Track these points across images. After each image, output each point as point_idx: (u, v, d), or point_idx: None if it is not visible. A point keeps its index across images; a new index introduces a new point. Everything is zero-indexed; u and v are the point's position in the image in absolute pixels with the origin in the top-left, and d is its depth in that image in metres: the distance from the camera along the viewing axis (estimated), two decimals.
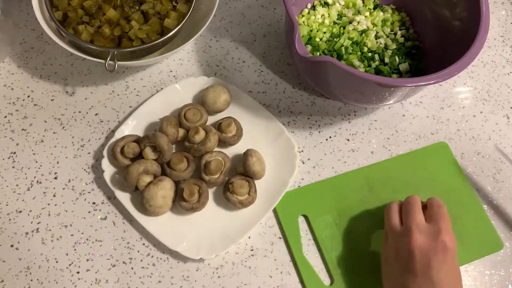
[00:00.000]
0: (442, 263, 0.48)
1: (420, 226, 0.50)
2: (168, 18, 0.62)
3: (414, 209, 0.52)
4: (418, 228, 0.50)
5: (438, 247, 0.48)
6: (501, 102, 0.70)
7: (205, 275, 0.56)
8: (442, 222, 0.50)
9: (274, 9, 0.75)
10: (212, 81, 0.66)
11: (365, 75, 0.52)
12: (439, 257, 0.48)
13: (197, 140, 0.59)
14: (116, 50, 0.58)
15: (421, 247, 0.49)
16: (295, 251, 0.57)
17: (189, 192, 0.55)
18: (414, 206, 0.52)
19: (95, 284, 0.55)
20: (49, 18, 0.61)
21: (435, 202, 0.53)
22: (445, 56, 0.60)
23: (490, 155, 0.66)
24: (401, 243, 0.50)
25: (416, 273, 0.48)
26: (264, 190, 0.59)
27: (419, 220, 0.51)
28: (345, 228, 0.59)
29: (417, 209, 0.52)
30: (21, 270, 0.55)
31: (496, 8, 0.79)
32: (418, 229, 0.50)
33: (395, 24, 0.71)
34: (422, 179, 0.62)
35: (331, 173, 0.63)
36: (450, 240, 0.49)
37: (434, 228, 0.49)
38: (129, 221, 0.58)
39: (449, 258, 0.48)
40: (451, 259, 0.49)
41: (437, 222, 0.50)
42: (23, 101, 0.65)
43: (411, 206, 0.52)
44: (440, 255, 0.48)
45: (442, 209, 0.52)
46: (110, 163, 0.59)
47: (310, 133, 0.66)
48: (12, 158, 0.61)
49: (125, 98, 0.66)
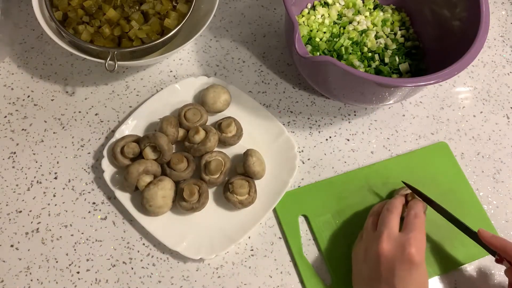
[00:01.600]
0: (407, 274, 0.47)
1: (391, 234, 0.50)
2: (168, 18, 0.62)
3: (390, 216, 0.52)
4: (389, 236, 0.50)
5: (404, 258, 0.47)
6: (501, 102, 0.70)
7: (205, 275, 0.56)
8: (413, 233, 0.49)
9: (274, 9, 0.75)
10: (212, 81, 0.66)
11: (365, 75, 0.52)
12: (404, 267, 0.47)
13: (197, 140, 0.59)
14: (116, 50, 0.58)
15: (387, 255, 0.48)
16: (295, 251, 0.57)
17: (189, 192, 0.55)
18: (392, 213, 0.52)
19: (95, 284, 0.55)
20: (49, 18, 0.61)
21: (413, 211, 0.52)
22: (445, 56, 0.60)
23: (490, 155, 0.66)
24: (370, 246, 0.51)
25: (381, 279, 0.48)
26: (264, 190, 0.59)
27: (391, 227, 0.50)
28: (345, 228, 0.59)
29: (393, 216, 0.52)
30: (21, 270, 0.55)
31: (496, 8, 0.79)
32: (388, 236, 0.49)
33: (395, 24, 0.71)
34: (422, 179, 0.62)
35: (331, 173, 0.63)
36: (417, 252, 0.48)
37: (404, 238, 0.49)
38: (129, 221, 0.58)
39: (414, 270, 0.48)
40: (416, 271, 0.48)
41: (408, 233, 0.49)
42: (23, 101, 0.65)
43: (389, 212, 0.52)
44: (405, 265, 0.47)
45: (418, 220, 0.51)
46: (110, 163, 0.59)
47: (310, 133, 0.66)
48: (12, 158, 0.61)
49: (125, 98, 0.66)
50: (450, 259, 0.58)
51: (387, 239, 0.49)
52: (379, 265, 0.49)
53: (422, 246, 0.49)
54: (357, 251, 0.54)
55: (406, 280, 0.47)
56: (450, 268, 0.58)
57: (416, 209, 0.52)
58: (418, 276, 0.48)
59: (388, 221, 0.51)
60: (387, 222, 0.51)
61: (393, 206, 0.53)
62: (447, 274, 0.58)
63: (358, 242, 0.55)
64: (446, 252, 0.58)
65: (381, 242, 0.49)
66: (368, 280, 0.50)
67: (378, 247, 0.49)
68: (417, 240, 0.49)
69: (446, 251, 0.58)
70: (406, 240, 0.48)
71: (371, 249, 0.50)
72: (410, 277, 0.48)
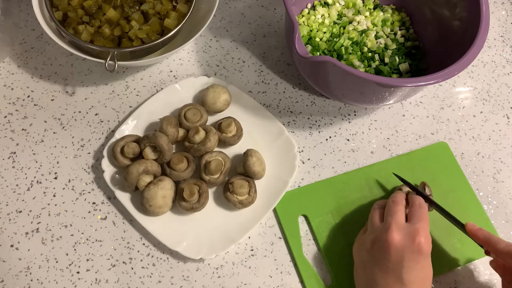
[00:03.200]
0: (415, 264, 0.48)
1: (399, 224, 0.50)
2: (168, 18, 0.62)
3: (396, 207, 0.52)
4: (397, 226, 0.50)
5: (414, 248, 0.48)
6: (501, 102, 0.70)
7: (205, 275, 0.56)
8: (421, 223, 0.50)
9: (274, 9, 0.75)
10: (212, 81, 0.66)
11: (365, 75, 0.52)
12: (412, 258, 0.48)
13: (197, 140, 0.59)
14: (116, 50, 0.58)
15: (397, 245, 0.49)
16: (295, 251, 0.57)
17: (189, 192, 0.55)
18: (397, 205, 0.53)
19: (95, 284, 0.55)
20: (49, 18, 0.61)
21: (417, 202, 0.53)
22: (445, 56, 0.60)
23: (490, 155, 0.66)
24: (379, 237, 0.51)
25: (388, 270, 0.49)
26: (264, 190, 0.59)
27: (399, 218, 0.51)
28: (345, 228, 0.59)
29: (400, 208, 0.52)
30: (21, 270, 0.55)
31: (496, 8, 0.79)
32: (396, 227, 0.50)
33: (395, 24, 0.71)
34: (422, 179, 0.62)
35: (331, 173, 0.63)
36: (425, 241, 0.49)
37: (412, 228, 0.50)
38: (129, 221, 0.58)
39: (422, 259, 0.49)
40: (424, 260, 0.49)
41: (416, 223, 0.50)
42: (23, 101, 0.65)
43: (395, 204, 0.53)
44: (414, 255, 0.48)
45: (422, 210, 0.52)
46: (110, 163, 0.59)
47: (310, 133, 0.66)
48: (12, 158, 0.61)
49: (125, 98, 0.66)
50: (450, 259, 0.58)
51: (396, 229, 0.50)
52: (388, 255, 0.49)
53: (429, 236, 0.50)
54: (363, 239, 0.53)
55: (413, 269, 0.48)
56: (450, 268, 0.58)
57: (419, 200, 0.53)
58: (425, 266, 0.49)
59: (394, 212, 0.52)
60: (394, 213, 0.52)
61: (398, 199, 0.54)
62: (447, 274, 0.58)
63: (361, 235, 0.55)
64: (446, 252, 0.58)
65: (390, 232, 0.49)
66: (373, 270, 0.50)
67: (388, 237, 0.49)
68: (425, 230, 0.50)
69: (446, 251, 0.58)
70: (414, 230, 0.49)
71: (380, 240, 0.50)
72: (417, 266, 0.48)
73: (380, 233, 0.51)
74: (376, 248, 0.51)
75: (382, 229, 0.51)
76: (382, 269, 0.49)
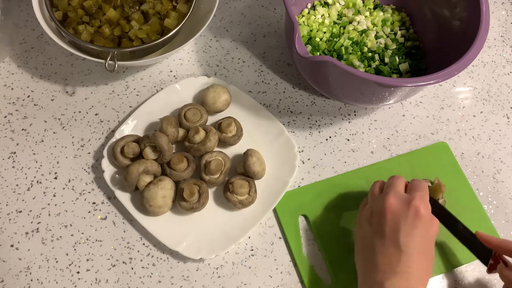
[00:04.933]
0: (412, 228, 0.48)
1: (397, 192, 0.51)
2: (168, 18, 0.62)
3: (397, 180, 0.52)
4: (395, 193, 0.50)
5: (410, 212, 0.48)
6: (501, 102, 0.70)
7: (205, 275, 0.56)
8: (419, 191, 0.50)
9: (274, 9, 0.75)
10: (212, 81, 0.66)
11: (365, 75, 0.52)
12: (409, 222, 0.48)
13: (197, 140, 0.59)
14: (116, 50, 0.58)
15: (393, 210, 0.49)
16: (295, 251, 0.57)
17: (189, 192, 0.55)
18: (398, 178, 0.53)
19: (95, 284, 0.55)
20: (49, 18, 0.61)
21: (416, 179, 0.53)
22: (445, 56, 0.60)
23: (490, 155, 0.66)
24: (376, 205, 0.51)
25: (385, 235, 0.48)
26: (264, 190, 0.59)
27: (398, 188, 0.51)
28: (345, 228, 0.59)
29: (400, 181, 0.52)
30: (21, 270, 0.55)
31: (496, 8, 0.79)
32: (394, 194, 0.50)
33: (395, 24, 0.71)
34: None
35: (331, 173, 0.63)
36: (423, 206, 0.48)
37: (411, 196, 0.50)
38: (129, 221, 0.58)
39: (421, 224, 0.48)
40: (422, 225, 0.48)
41: (414, 192, 0.50)
42: (23, 101, 0.65)
43: (396, 177, 0.53)
44: (410, 219, 0.48)
45: (421, 183, 0.52)
46: (110, 163, 0.59)
47: (310, 133, 0.66)
48: (12, 158, 0.61)
49: (125, 98, 0.66)
50: (450, 259, 0.58)
51: (393, 196, 0.50)
52: (384, 219, 0.49)
53: (428, 205, 0.49)
54: (363, 214, 0.53)
55: (410, 234, 0.47)
56: (450, 268, 0.58)
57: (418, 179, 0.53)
58: (424, 230, 0.48)
59: (394, 183, 0.52)
60: (393, 184, 0.52)
61: (398, 176, 0.53)
62: (447, 274, 0.58)
63: (361, 210, 0.55)
64: (446, 252, 0.58)
65: (387, 198, 0.50)
66: (369, 238, 0.50)
67: (384, 202, 0.49)
68: (423, 198, 0.49)
69: (446, 251, 0.58)
70: (412, 197, 0.49)
71: (377, 207, 0.50)
72: (415, 232, 0.48)
73: (377, 201, 0.51)
74: (374, 216, 0.50)
75: (380, 197, 0.51)
76: (379, 235, 0.49)
